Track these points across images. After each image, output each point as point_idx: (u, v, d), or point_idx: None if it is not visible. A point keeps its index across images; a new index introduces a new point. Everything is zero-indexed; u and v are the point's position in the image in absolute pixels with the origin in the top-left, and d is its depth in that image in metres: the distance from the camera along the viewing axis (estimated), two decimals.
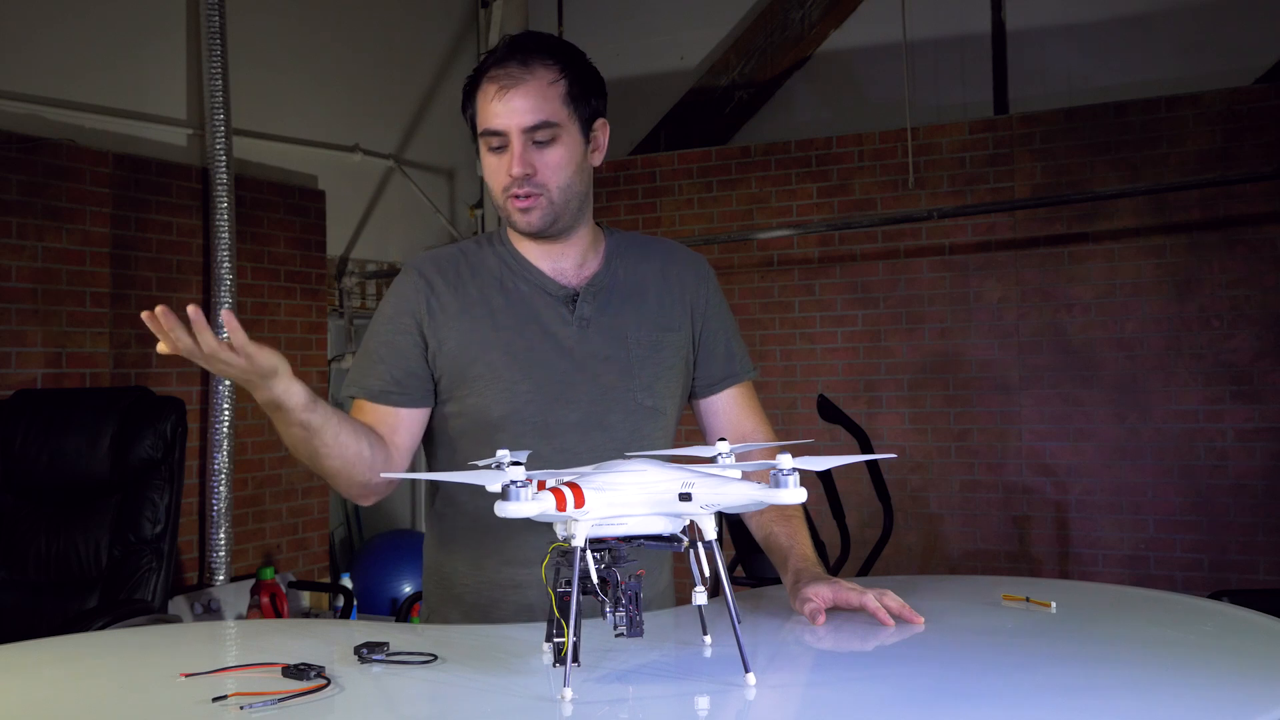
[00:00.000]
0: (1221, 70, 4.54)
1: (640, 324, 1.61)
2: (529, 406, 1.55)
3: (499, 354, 1.56)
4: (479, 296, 1.59)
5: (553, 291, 1.59)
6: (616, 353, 1.59)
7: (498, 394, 1.55)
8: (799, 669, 1.27)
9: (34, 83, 3.59)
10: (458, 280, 1.60)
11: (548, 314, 1.58)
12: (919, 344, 4.87)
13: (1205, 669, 1.17)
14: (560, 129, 1.51)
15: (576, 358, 1.57)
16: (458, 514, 1.61)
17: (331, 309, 4.73)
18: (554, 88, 1.51)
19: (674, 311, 1.65)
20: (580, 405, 1.56)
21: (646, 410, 1.60)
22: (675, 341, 1.64)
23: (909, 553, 4.80)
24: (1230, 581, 4.25)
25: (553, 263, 1.61)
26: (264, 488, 4.27)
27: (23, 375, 3.45)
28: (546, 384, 1.55)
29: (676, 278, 1.67)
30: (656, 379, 1.61)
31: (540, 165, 1.51)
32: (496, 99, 1.50)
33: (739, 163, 5.22)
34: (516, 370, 1.55)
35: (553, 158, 1.52)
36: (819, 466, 1.08)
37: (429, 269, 1.61)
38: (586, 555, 1.08)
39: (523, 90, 1.50)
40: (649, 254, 1.69)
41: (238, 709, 1.03)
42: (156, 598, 2.87)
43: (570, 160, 1.53)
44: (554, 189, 1.53)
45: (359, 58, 4.92)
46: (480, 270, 1.61)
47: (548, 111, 1.50)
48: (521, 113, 1.49)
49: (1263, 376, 4.31)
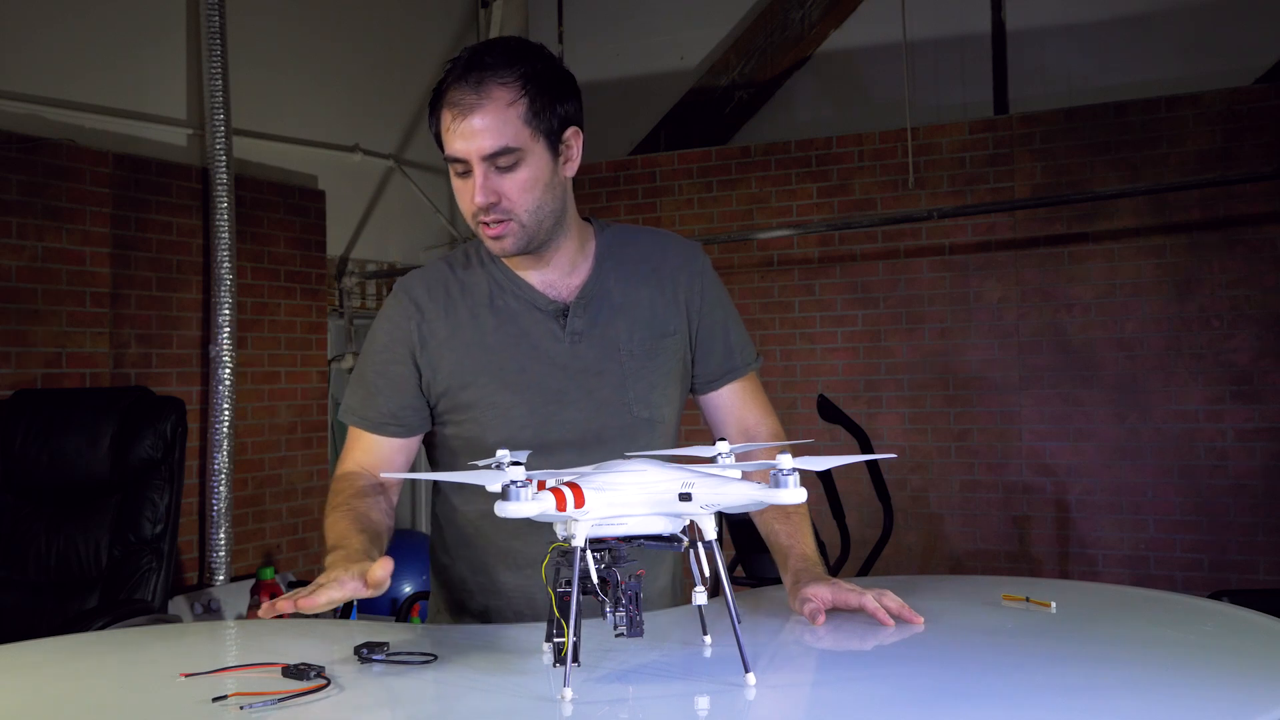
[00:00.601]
0: (1221, 70, 4.54)
1: (633, 333, 1.58)
2: (524, 431, 1.53)
3: (491, 379, 1.54)
4: (469, 318, 1.57)
5: (543, 307, 1.56)
6: (610, 366, 1.57)
7: (493, 419, 1.54)
8: (799, 669, 1.27)
9: (34, 83, 3.59)
10: (448, 302, 1.58)
11: (539, 331, 1.56)
12: (919, 344, 4.86)
13: (1205, 669, 1.17)
14: (522, 151, 1.44)
15: (570, 374, 1.55)
16: (461, 519, 1.61)
17: (331, 309, 4.73)
18: (512, 109, 1.43)
19: (669, 314, 1.62)
20: (576, 423, 1.55)
21: (643, 422, 1.58)
22: (671, 345, 1.62)
23: (909, 553, 4.80)
24: (1230, 581, 4.25)
25: (541, 275, 1.58)
26: (264, 488, 4.27)
27: (23, 375, 3.45)
28: (540, 405, 1.54)
29: (670, 276, 1.63)
30: (652, 389, 1.59)
31: (504, 191, 1.46)
32: (454, 126, 1.44)
33: (739, 163, 5.22)
34: (510, 394, 1.54)
35: (517, 181, 1.46)
36: (819, 466, 1.08)
37: (419, 292, 1.59)
38: (587, 555, 1.08)
39: (480, 115, 1.42)
40: (641, 253, 1.64)
41: (237, 709, 1.03)
42: (156, 598, 2.87)
43: (536, 181, 1.47)
44: (522, 213, 1.47)
45: (359, 58, 4.92)
46: (470, 289, 1.59)
47: (507, 136, 1.43)
48: (480, 138, 1.43)
49: (1263, 376, 4.31)
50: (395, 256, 5.11)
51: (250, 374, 4.17)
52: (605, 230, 1.65)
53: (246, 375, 4.13)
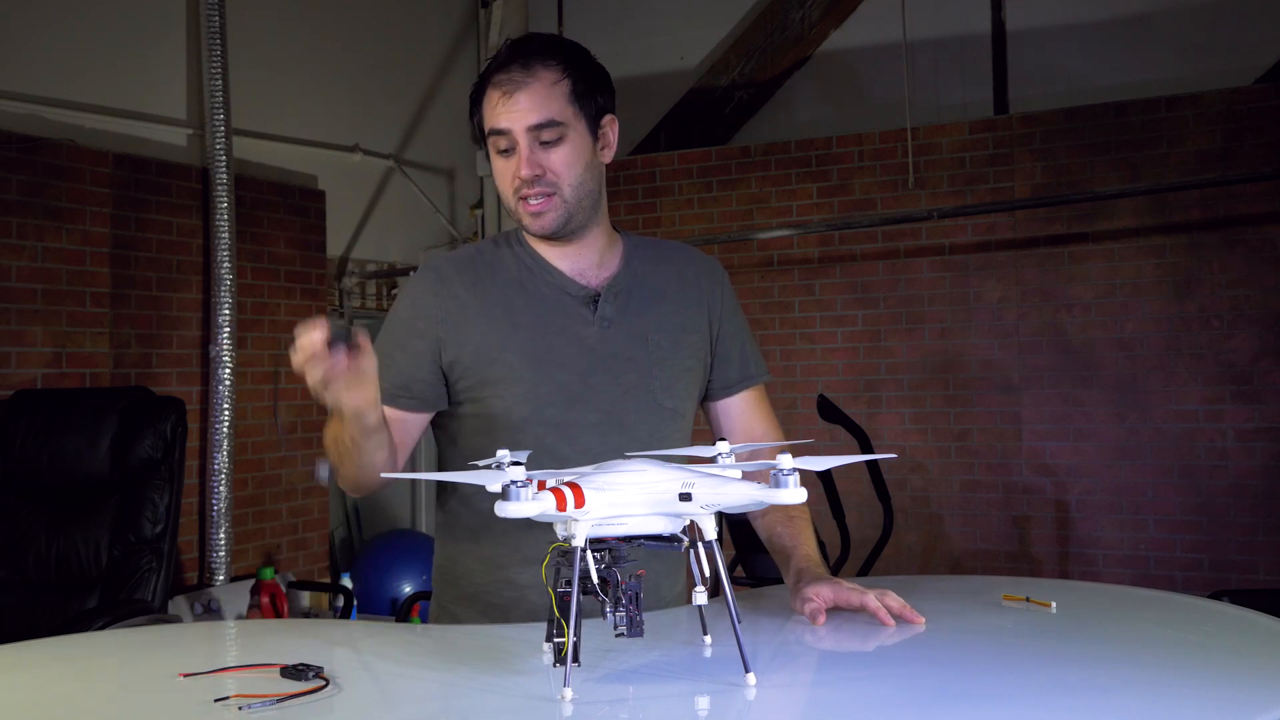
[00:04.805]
0: (1221, 70, 4.54)
1: (661, 325, 1.61)
2: (550, 408, 1.54)
3: (519, 356, 1.55)
4: (498, 297, 1.58)
5: (574, 292, 1.58)
6: (638, 353, 1.58)
7: (518, 396, 1.54)
8: (799, 669, 1.27)
9: (34, 83, 3.59)
10: (476, 280, 1.59)
11: (569, 314, 1.57)
12: (919, 344, 4.86)
13: (1205, 669, 1.17)
14: (566, 127, 1.50)
15: (598, 358, 1.56)
16: (473, 514, 1.60)
17: (332, 309, 4.73)
18: (558, 87, 1.50)
19: (692, 313, 1.65)
20: (601, 406, 1.55)
21: (667, 411, 1.60)
22: (694, 344, 1.64)
23: (909, 553, 4.80)
24: (1230, 581, 4.25)
25: (572, 263, 1.60)
26: (264, 488, 4.27)
27: (23, 375, 3.45)
28: (567, 385, 1.55)
29: (694, 280, 1.67)
30: (676, 380, 1.61)
31: (549, 165, 1.50)
32: (501, 103, 1.50)
33: (739, 163, 5.22)
34: (537, 372, 1.54)
35: (561, 157, 1.51)
36: (819, 466, 1.08)
37: (447, 269, 1.60)
38: (587, 555, 1.08)
39: (526, 92, 1.49)
40: (665, 256, 1.69)
41: (237, 709, 1.03)
42: (156, 598, 2.87)
43: (579, 158, 1.52)
44: (566, 188, 1.52)
45: (359, 58, 4.92)
46: (499, 270, 1.60)
47: (553, 111, 1.49)
48: (526, 113, 1.48)
49: (1263, 376, 4.31)
50: (395, 256, 5.11)
51: (250, 374, 4.17)
52: (629, 236, 1.69)
53: (246, 375, 4.13)
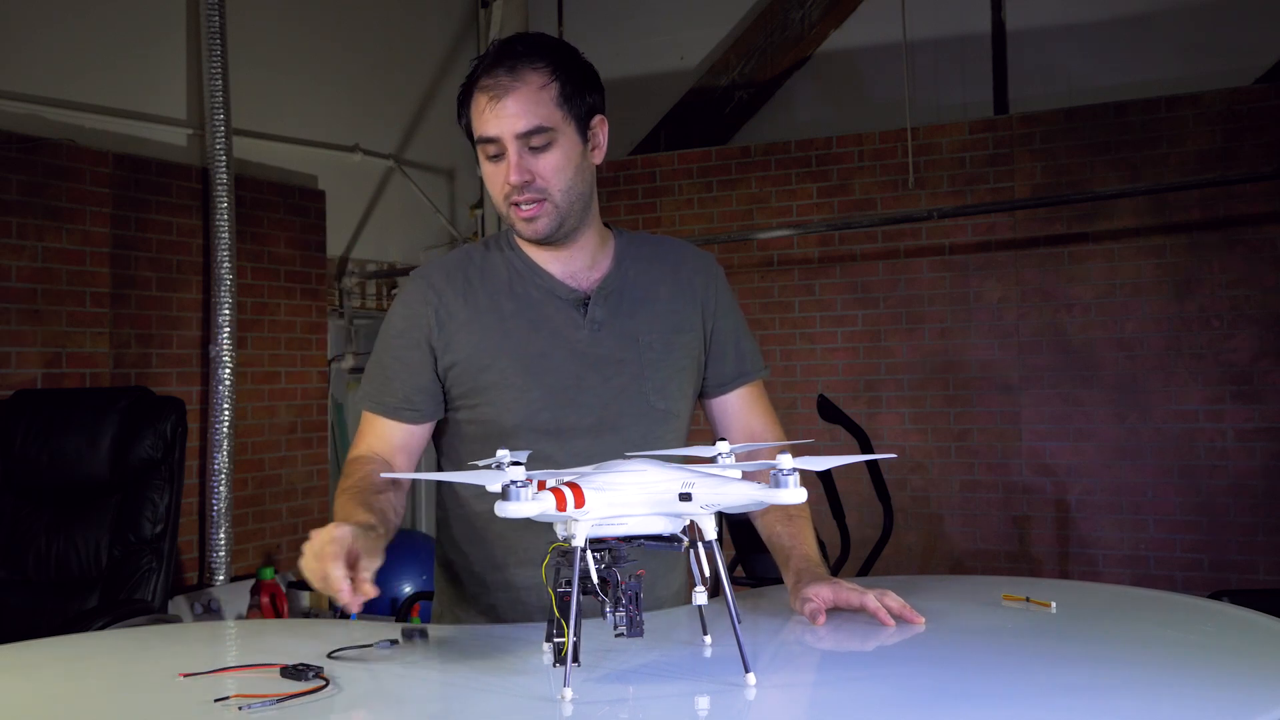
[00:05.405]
0: (1221, 70, 4.54)
1: (652, 326, 1.61)
2: (542, 413, 1.54)
3: (510, 361, 1.55)
4: (488, 303, 1.58)
5: (564, 295, 1.58)
6: (629, 355, 1.58)
7: (510, 401, 1.55)
8: (799, 669, 1.27)
9: (34, 83, 3.59)
10: (467, 287, 1.59)
11: (559, 318, 1.57)
12: (919, 344, 4.86)
13: (1205, 669, 1.17)
14: (556, 132, 1.49)
15: (589, 361, 1.56)
16: (472, 514, 1.61)
17: (331, 309, 4.73)
18: (545, 91, 1.48)
19: (686, 312, 1.64)
20: (593, 409, 1.55)
21: (659, 413, 1.59)
22: (687, 343, 1.64)
23: (909, 553, 4.80)
24: (1230, 581, 4.25)
25: (563, 266, 1.59)
26: (264, 488, 4.27)
27: (23, 375, 3.45)
28: (558, 389, 1.55)
29: (687, 278, 1.66)
30: (669, 381, 1.60)
31: (538, 171, 1.49)
32: (489, 109, 1.49)
33: (739, 163, 5.22)
34: (528, 377, 1.54)
35: (551, 162, 1.50)
36: (819, 466, 1.08)
37: (437, 278, 1.60)
38: (587, 555, 1.08)
39: (514, 97, 1.47)
40: (659, 254, 1.67)
41: (237, 709, 1.03)
42: (156, 598, 2.87)
43: (569, 162, 1.51)
44: (556, 193, 1.51)
45: (359, 58, 4.92)
46: (489, 275, 1.60)
47: (541, 116, 1.48)
48: (514, 119, 1.47)
49: (1263, 376, 4.31)
50: (395, 257, 5.11)
51: (250, 374, 4.17)
52: (623, 234, 1.68)
53: (246, 375, 4.13)
